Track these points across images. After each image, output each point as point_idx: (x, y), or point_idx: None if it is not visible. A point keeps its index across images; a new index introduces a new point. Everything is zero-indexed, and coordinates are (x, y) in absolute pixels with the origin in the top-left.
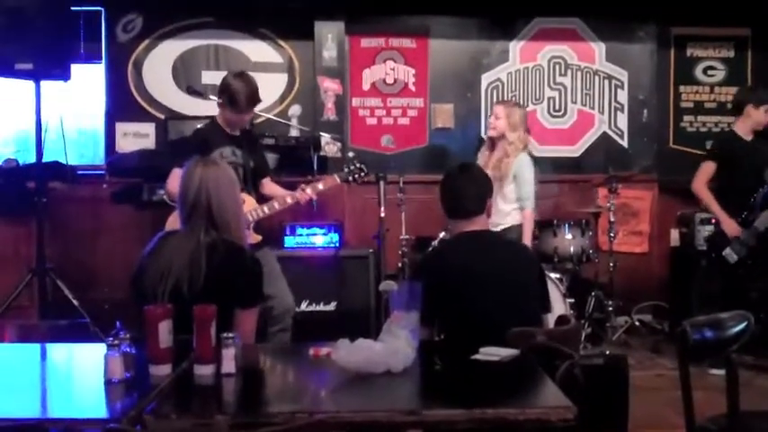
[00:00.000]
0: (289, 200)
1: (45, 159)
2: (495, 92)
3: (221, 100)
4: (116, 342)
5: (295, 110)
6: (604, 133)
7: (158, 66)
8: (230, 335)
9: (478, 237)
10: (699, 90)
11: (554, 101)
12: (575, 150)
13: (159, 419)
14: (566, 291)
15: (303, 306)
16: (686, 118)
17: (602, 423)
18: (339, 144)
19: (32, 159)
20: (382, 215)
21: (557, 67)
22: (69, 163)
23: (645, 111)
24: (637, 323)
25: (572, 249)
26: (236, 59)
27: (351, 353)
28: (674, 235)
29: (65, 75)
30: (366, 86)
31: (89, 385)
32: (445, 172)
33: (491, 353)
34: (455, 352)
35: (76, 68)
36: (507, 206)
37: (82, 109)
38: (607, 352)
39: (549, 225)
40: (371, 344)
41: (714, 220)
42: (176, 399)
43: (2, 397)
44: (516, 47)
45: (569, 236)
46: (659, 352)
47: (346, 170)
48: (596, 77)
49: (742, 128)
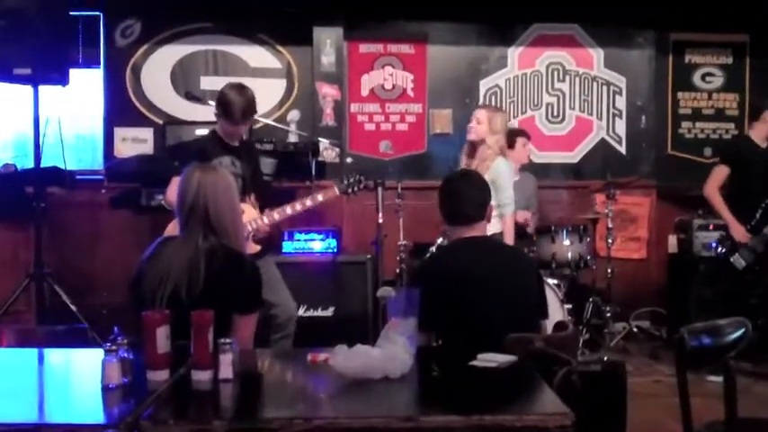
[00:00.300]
0: (288, 210)
1: (43, 164)
2: (493, 98)
3: (217, 111)
4: (114, 347)
5: (293, 115)
6: (603, 139)
7: (157, 71)
8: (228, 340)
9: (477, 242)
10: (697, 96)
11: (552, 107)
12: (573, 156)
13: (156, 425)
14: (563, 297)
15: (301, 311)
16: (684, 124)
17: (599, 430)
18: (337, 149)
19: (31, 164)
20: (380, 221)
21: (555, 73)
22: (68, 168)
23: (643, 117)
24: (635, 329)
25: (570, 255)
26: (234, 65)
27: (348, 359)
28: (672, 241)
29: (63, 79)
30: (364, 92)
31: (86, 390)
32: (445, 178)
33: (489, 359)
34: (453, 358)
35: (75, 73)
36: None
37: (80, 114)
38: (605, 358)
39: (548, 231)
40: (369, 350)
41: (712, 226)
42: (174, 404)
43: None
44: (515, 53)
45: (567, 242)
46: (657, 358)
47: (345, 182)
48: (594, 83)
49: (757, 134)
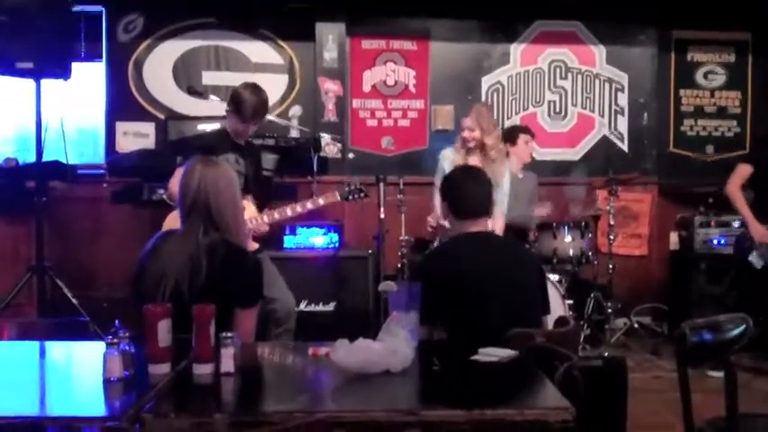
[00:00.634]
0: (289, 212)
1: (45, 158)
2: (495, 94)
3: (229, 107)
4: (115, 341)
5: (295, 111)
6: (604, 136)
7: (159, 66)
8: (229, 334)
9: (479, 238)
10: (699, 94)
11: (554, 104)
12: (575, 153)
13: (158, 418)
14: (565, 292)
15: (302, 306)
16: (686, 122)
17: (600, 425)
18: (339, 145)
19: (32, 158)
20: (382, 216)
21: (557, 71)
22: (69, 162)
23: (645, 114)
24: (636, 325)
25: (571, 251)
26: (236, 60)
27: (350, 353)
28: (674, 238)
29: (65, 74)
30: (367, 88)
31: (88, 384)
32: (450, 172)
33: (490, 354)
34: (454, 352)
35: (77, 67)
36: None
37: (82, 108)
38: (606, 354)
39: (549, 227)
40: (370, 344)
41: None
42: (175, 398)
43: (1, 395)
44: (517, 50)
45: (569, 238)
46: (658, 354)
47: (347, 189)
48: (597, 81)
49: None
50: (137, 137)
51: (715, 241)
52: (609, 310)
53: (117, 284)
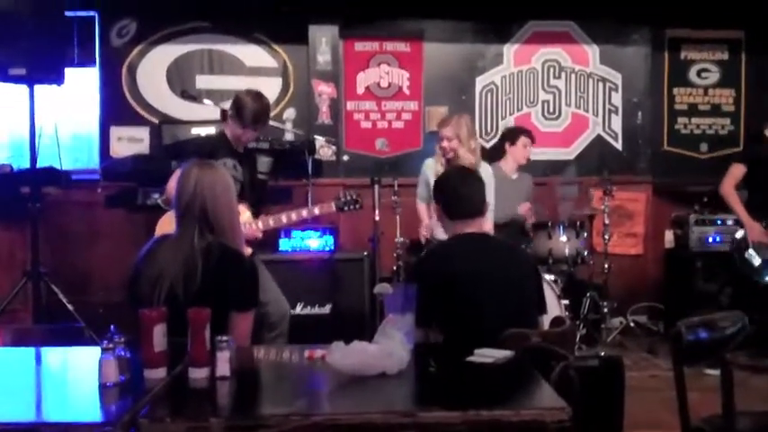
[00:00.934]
0: (284, 219)
1: (39, 164)
2: (489, 95)
3: (231, 112)
4: (111, 345)
5: (290, 113)
6: (599, 136)
7: (152, 70)
8: (225, 338)
9: (474, 239)
10: (693, 92)
11: (548, 104)
12: (569, 153)
13: (154, 423)
14: (560, 292)
15: (298, 309)
16: (680, 120)
17: (597, 424)
18: (334, 147)
19: (27, 164)
20: (377, 218)
21: (551, 70)
22: (63, 168)
23: (639, 113)
24: (632, 324)
25: (567, 251)
26: (230, 64)
27: (346, 355)
28: (669, 237)
29: (59, 79)
30: (360, 90)
31: (83, 389)
32: (443, 174)
33: (486, 355)
34: (450, 354)
35: (70, 73)
36: None
37: (76, 114)
38: (602, 353)
39: (544, 227)
40: (366, 346)
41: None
42: (171, 402)
43: None
44: (510, 50)
45: (564, 238)
46: (654, 353)
47: (342, 200)
48: (590, 80)
49: None
50: (131, 142)
51: (710, 239)
52: (605, 310)
53: (112, 289)
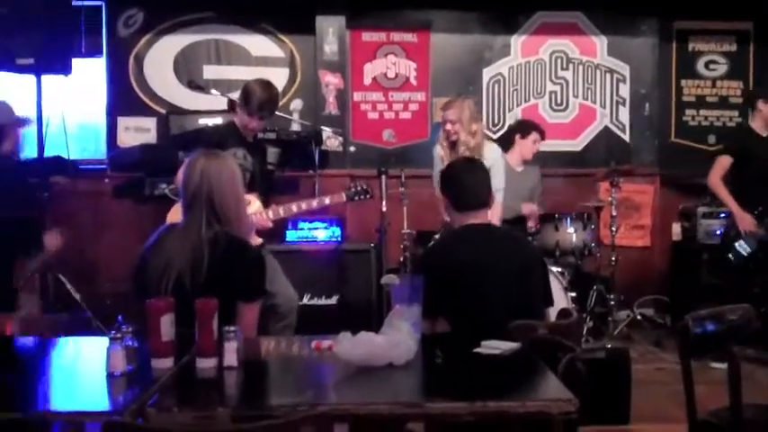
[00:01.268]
0: (294, 209)
1: (46, 154)
2: (496, 86)
3: (239, 100)
4: (118, 335)
5: (296, 104)
6: (606, 127)
7: (160, 60)
8: (232, 328)
9: (481, 230)
10: (700, 84)
11: (556, 95)
12: (576, 144)
13: (161, 412)
14: (567, 284)
15: (305, 300)
16: (688, 112)
17: (603, 416)
18: (341, 138)
19: (34, 154)
20: (384, 209)
21: (558, 62)
22: (71, 157)
23: (647, 105)
24: (638, 317)
25: (574, 243)
26: (237, 54)
27: (353, 346)
28: (676, 229)
29: (66, 69)
30: (367, 81)
31: (91, 378)
32: (449, 164)
33: (493, 346)
34: (457, 345)
35: (78, 63)
36: None
37: (83, 103)
38: (609, 346)
39: (551, 219)
40: (373, 337)
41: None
42: (178, 392)
43: (5, 390)
44: (518, 41)
45: (571, 230)
46: (661, 346)
47: (353, 190)
48: (598, 71)
49: (756, 124)
50: (138, 132)
51: (718, 231)
52: (612, 302)
53: (119, 279)
